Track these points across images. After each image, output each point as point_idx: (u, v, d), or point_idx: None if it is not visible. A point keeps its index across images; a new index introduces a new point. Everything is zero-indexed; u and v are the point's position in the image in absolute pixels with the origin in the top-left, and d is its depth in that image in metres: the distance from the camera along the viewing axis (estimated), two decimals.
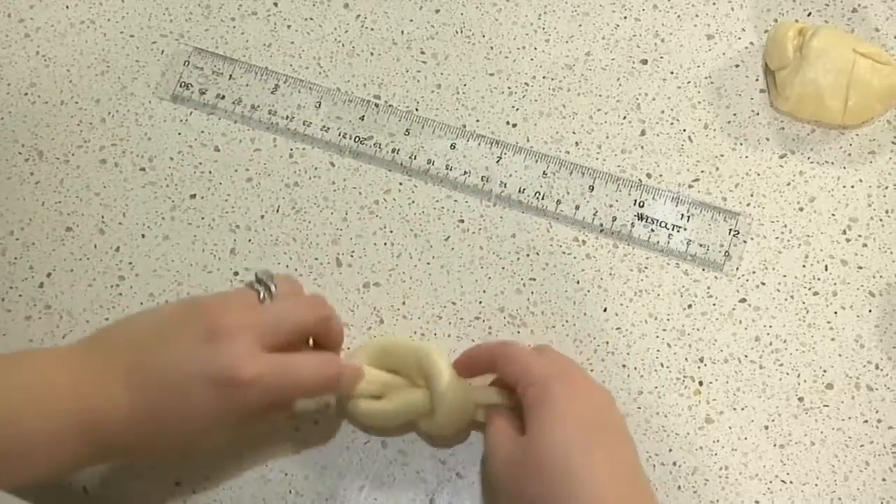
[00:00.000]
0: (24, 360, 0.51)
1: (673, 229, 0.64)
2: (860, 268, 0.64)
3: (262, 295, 0.53)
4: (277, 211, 0.65)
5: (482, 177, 0.66)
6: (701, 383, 0.61)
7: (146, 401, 0.49)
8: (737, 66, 0.69)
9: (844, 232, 0.65)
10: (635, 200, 0.65)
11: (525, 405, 0.52)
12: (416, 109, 0.68)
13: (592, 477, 0.49)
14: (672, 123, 0.67)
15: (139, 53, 0.69)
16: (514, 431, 0.53)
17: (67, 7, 0.70)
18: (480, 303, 0.63)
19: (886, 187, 0.66)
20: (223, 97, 0.68)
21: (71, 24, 0.70)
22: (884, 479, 0.59)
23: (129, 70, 0.69)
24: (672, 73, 0.69)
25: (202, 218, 0.65)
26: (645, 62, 0.69)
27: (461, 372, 0.57)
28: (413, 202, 0.65)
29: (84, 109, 0.68)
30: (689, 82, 0.68)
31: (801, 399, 0.61)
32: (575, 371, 0.55)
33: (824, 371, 0.61)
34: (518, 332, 0.62)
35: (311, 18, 0.70)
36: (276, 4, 0.70)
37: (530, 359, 0.54)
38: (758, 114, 0.67)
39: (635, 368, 0.61)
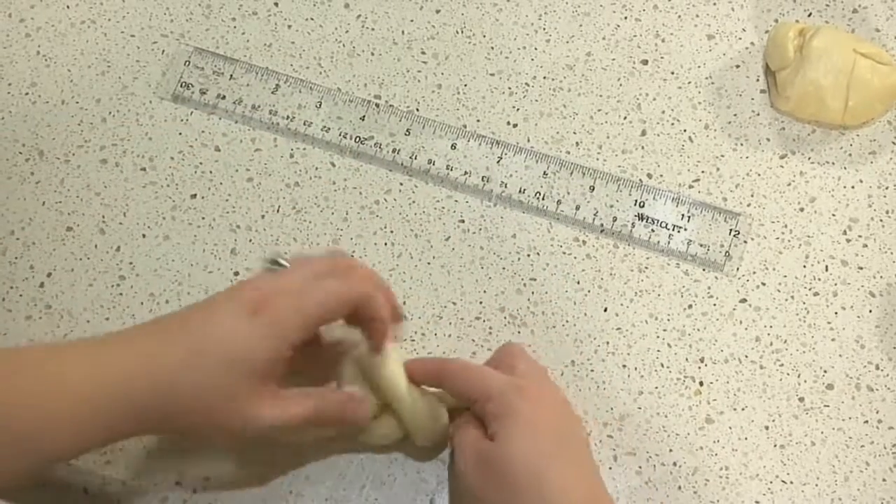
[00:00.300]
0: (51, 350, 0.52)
1: (673, 229, 0.64)
2: (861, 268, 0.64)
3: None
4: (278, 211, 0.65)
5: (483, 177, 0.66)
6: (701, 383, 0.61)
7: (174, 329, 0.50)
8: (737, 66, 0.69)
9: (845, 232, 0.65)
10: (636, 201, 0.65)
11: (487, 418, 0.52)
12: (417, 110, 0.68)
13: (563, 483, 0.49)
14: (673, 124, 0.67)
15: (140, 53, 0.69)
16: (481, 433, 0.52)
17: (68, 7, 0.70)
18: (481, 303, 0.63)
19: (887, 188, 0.66)
20: (224, 97, 0.68)
21: (72, 24, 0.70)
22: (884, 480, 0.59)
23: (129, 70, 0.69)
24: (673, 73, 0.69)
25: (203, 218, 0.65)
26: (645, 62, 0.69)
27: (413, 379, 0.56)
28: (413, 202, 0.65)
29: (85, 109, 0.68)
30: (689, 82, 0.68)
31: (801, 399, 0.61)
32: (533, 379, 0.54)
33: (825, 371, 0.61)
34: (519, 333, 0.62)
35: (312, 18, 0.70)
36: (276, 4, 0.70)
37: (484, 374, 0.54)
38: (758, 114, 0.67)
39: (636, 369, 0.61)
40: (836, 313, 0.63)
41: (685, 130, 0.67)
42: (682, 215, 0.65)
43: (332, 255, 0.56)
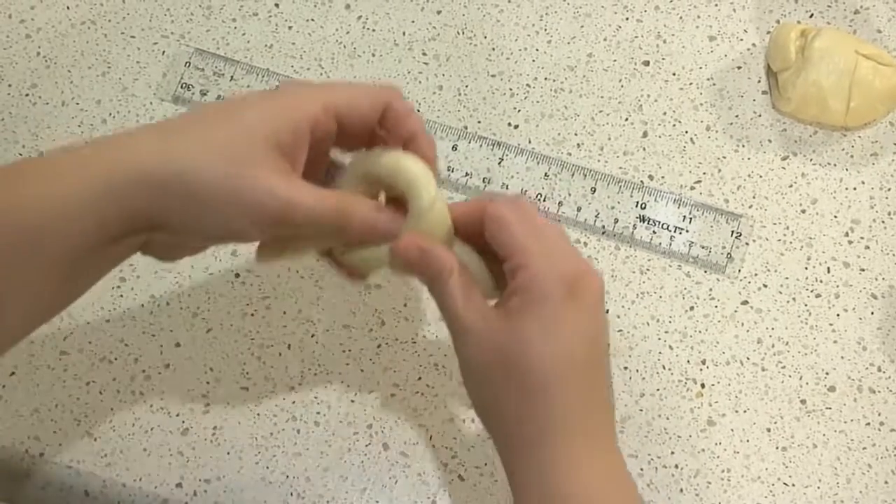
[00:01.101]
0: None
1: (675, 231, 0.64)
2: (862, 270, 0.64)
3: None
4: None
5: (484, 178, 0.66)
6: (703, 385, 0.61)
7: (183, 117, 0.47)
8: (739, 67, 0.69)
9: (847, 234, 0.64)
10: (637, 202, 0.65)
11: (511, 286, 0.46)
12: (418, 111, 0.67)
13: (580, 403, 0.46)
14: (674, 125, 0.67)
15: (140, 54, 0.69)
16: (488, 309, 0.46)
17: (68, 8, 0.70)
18: None
19: (889, 189, 0.66)
20: (225, 98, 0.68)
21: (72, 25, 0.70)
22: (886, 482, 0.59)
23: (130, 71, 0.69)
24: (674, 74, 0.69)
25: None
26: (647, 63, 0.69)
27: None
28: None
29: (85, 110, 0.67)
30: (691, 84, 0.68)
31: (803, 401, 0.61)
32: (578, 259, 0.48)
33: (826, 373, 0.61)
34: None
35: (313, 19, 0.70)
36: (277, 5, 0.70)
37: (529, 239, 0.47)
38: (760, 115, 0.67)
39: (637, 371, 0.61)
40: (837, 315, 0.63)
41: (686, 132, 0.67)
42: (684, 217, 0.65)
43: None
